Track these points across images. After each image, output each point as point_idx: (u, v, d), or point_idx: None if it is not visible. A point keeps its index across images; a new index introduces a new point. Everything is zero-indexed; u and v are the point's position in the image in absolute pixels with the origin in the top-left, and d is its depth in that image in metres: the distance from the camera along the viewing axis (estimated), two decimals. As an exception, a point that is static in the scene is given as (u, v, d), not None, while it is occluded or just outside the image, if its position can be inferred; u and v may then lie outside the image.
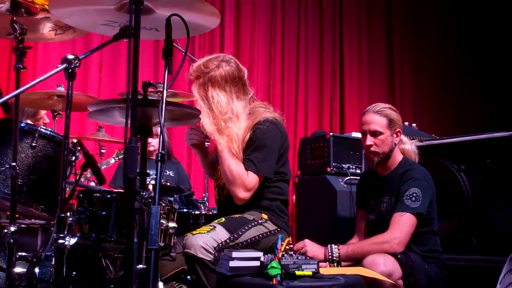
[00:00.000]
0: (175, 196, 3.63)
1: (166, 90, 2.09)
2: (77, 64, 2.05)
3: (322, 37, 7.04)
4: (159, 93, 3.93)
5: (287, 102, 6.67)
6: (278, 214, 2.97)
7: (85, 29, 2.48)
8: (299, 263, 2.17)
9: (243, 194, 2.84)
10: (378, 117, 3.03)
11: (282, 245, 2.22)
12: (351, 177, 4.47)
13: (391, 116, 3.03)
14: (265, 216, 2.90)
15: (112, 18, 2.29)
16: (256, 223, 2.84)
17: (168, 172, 4.98)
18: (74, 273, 2.98)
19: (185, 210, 3.58)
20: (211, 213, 3.58)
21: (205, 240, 2.61)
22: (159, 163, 1.94)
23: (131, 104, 1.77)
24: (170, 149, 5.16)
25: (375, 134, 3.01)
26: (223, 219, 2.79)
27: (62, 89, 3.56)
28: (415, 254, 2.82)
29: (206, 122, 2.87)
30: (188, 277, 3.09)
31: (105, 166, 4.39)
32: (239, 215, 2.86)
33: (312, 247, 2.88)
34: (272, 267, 2.11)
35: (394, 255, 2.71)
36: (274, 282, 2.07)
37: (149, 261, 1.77)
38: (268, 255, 2.23)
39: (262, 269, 2.17)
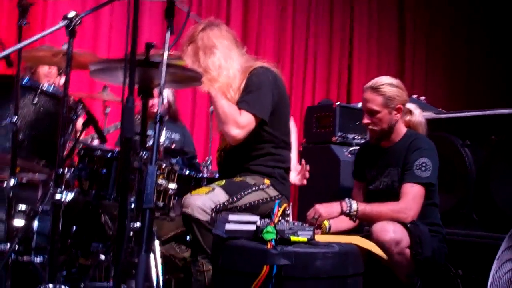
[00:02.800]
0: (178, 158, 3.64)
1: (168, 51, 2.06)
2: (78, 22, 2.05)
3: (332, 6, 6.96)
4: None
5: (296, 71, 6.63)
6: (280, 181, 2.97)
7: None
8: (295, 229, 2.18)
9: (235, 131, 2.79)
10: (375, 95, 2.98)
11: (279, 210, 2.22)
12: (355, 147, 4.45)
13: (388, 94, 2.97)
14: (267, 182, 2.89)
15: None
16: (257, 188, 2.84)
17: (174, 135, 4.97)
18: (74, 228, 3.02)
19: (187, 172, 3.59)
20: (213, 176, 3.58)
21: (203, 200, 2.62)
22: (157, 124, 1.93)
23: (129, 65, 1.75)
24: (176, 112, 5.13)
25: (371, 113, 2.98)
26: (224, 181, 2.80)
27: (66, 47, 3.55)
28: (424, 225, 2.82)
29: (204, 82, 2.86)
30: (187, 237, 3.12)
31: (113, 129, 4.39)
32: (241, 179, 2.86)
33: (324, 208, 2.82)
34: (267, 231, 2.12)
35: (404, 224, 2.71)
36: (269, 246, 2.08)
37: (144, 221, 1.77)
38: (265, 219, 2.23)
39: (257, 233, 2.18)
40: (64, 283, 2.55)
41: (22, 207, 2.56)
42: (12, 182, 2.37)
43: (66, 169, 2.70)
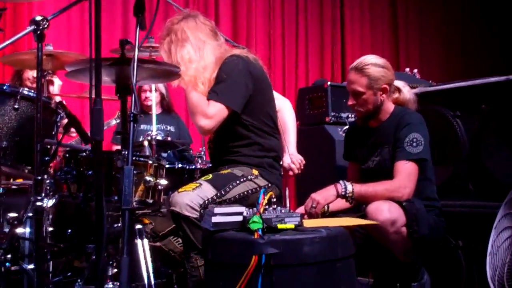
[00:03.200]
0: (169, 151, 3.63)
1: (139, 48, 2.04)
2: (45, 25, 2.03)
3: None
4: (150, 48, 3.91)
5: (288, 52, 6.58)
6: (269, 170, 2.95)
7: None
8: (282, 217, 2.16)
9: (203, 122, 2.75)
10: (359, 76, 2.94)
11: (264, 199, 2.21)
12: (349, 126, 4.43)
13: (373, 75, 2.92)
14: (255, 172, 2.87)
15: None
16: (245, 179, 2.81)
17: (169, 127, 4.97)
18: (69, 231, 3.02)
19: (179, 165, 3.58)
20: (207, 167, 3.57)
21: (191, 197, 2.60)
22: (131, 124, 1.91)
23: (94, 66, 1.73)
24: (170, 104, 5.12)
25: (356, 94, 2.95)
26: (211, 175, 2.77)
27: (50, 48, 3.54)
28: (419, 202, 2.79)
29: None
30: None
31: (106, 127, 4.39)
32: (229, 171, 2.84)
33: (320, 195, 2.81)
34: (253, 221, 2.10)
35: (399, 202, 2.69)
36: (256, 236, 2.07)
37: (124, 222, 1.76)
38: (251, 209, 2.22)
39: (245, 224, 2.17)
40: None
41: (12, 214, 2.53)
42: (-2, 191, 2.36)
43: (54, 173, 2.71)
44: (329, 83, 4.55)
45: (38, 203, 1.97)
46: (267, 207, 2.21)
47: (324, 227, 2.18)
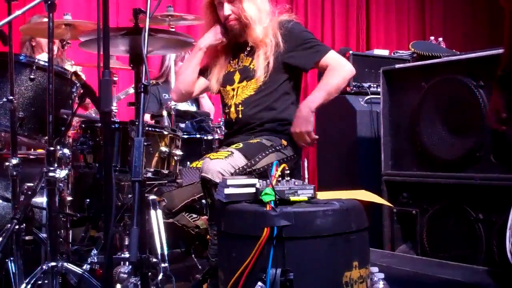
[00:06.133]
0: (187, 122, 3.63)
1: (150, 17, 2.01)
2: (57, -5, 2.00)
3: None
4: (169, 17, 3.88)
5: (312, 20, 6.48)
6: None
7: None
8: (295, 189, 2.14)
9: (350, 67, 2.90)
10: None
11: (277, 170, 2.19)
12: (371, 96, 4.37)
13: None
14: (284, 142, 2.86)
15: None
16: (273, 149, 2.80)
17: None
18: (88, 200, 3.05)
19: (197, 135, 3.58)
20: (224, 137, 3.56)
21: (223, 165, 2.57)
22: (142, 95, 1.89)
23: (102, 36, 1.71)
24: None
25: None
26: (241, 144, 2.75)
27: (69, 17, 3.53)
28: None
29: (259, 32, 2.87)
30: (203, 200, 3.12)
31: (123, 96, 4.40)
32: (257, 140, 2.82)
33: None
34: (266, 193, 2.09)
35: None
36: (268, 208, 2.06)
37: (134, 193, 1.76)
38: (264, 181, 2.20)
39: (257, 196, 2.16)
40: (73, 257, 2.60)
41: (30, 184, 2.55)
42: (14, 161, 2.38)
43: (72, 143, 2.72)
44: (351, 52, 4.49)
45: (51, 174, 1.98)
46: (280, 179, 2.19)
47: (337, 200, 2.16)
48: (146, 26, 1.96)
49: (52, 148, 2.01)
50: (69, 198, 2.79)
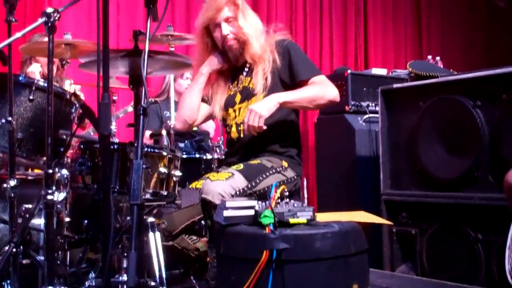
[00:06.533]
0: (186, 141, 3.63)
1: (149, 39, 2.02)
2: (56, 17, 2.01)
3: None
4: (169, 37, 3.89)
5: (311, 38, 6.51)
6: (297, 160, 2.96)
7: (70, -22, 2.41)
8: (294, 211, 2.13)
9: (335, 90, 2.87)
10: None
11: (276, 192, 2.18)
12: (370, 115, 4.38)
13: None
14: (285, 164, 2.87)
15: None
16: (274, 170, 2.80)
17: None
18: (86, 221, 3.04)
19: (197, 155, 3.58)
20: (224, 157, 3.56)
21: (223, 187, 2.57)
22: (141, 117, 1.89)
23: (102, 59, 1.71)
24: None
25: None
26: (242, 165, 2.75)
27: (69, 37, 3.55)
28: None
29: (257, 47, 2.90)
30: (202, 222, 3.10)
31: (122, 114, 4.40)
32: (258, 161, 2.82)
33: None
34: (265, 216, 2.08)
35: None
36: (267, 231, 2.05)
37: (132, 217, 1.75)
38: (263, 203, 2.20)
39: (256, 218, 2.15)
40: (71, 279, 2.58)
41: (28, 206, 2.54)
42: (12, 183, 2.37)
43: (70, 163, 2.71)
44: (349, 71, 4.51)
45: (49, 197, 1.98)
46: (279, 201, 2.18)
47: (336, 222, 2.15)
48: (145, 50, 1.97)
49: (50, 171, 2.00)
50: (67, 219, 2.77)
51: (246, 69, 2.99)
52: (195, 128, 4.69)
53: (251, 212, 2.19)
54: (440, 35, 7.50)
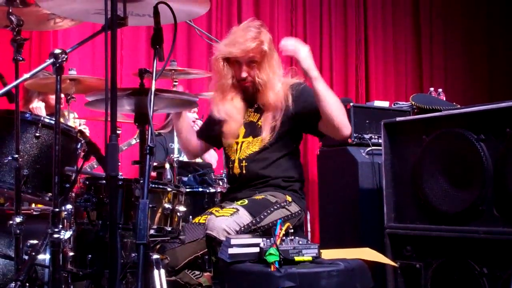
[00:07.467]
0: (189, 176, 3.64)
1: (156, 79, 2.05)
2: (64, 58, 2.04)
3: (345, 2, 6.88)
4: (172, 71, 3.94)
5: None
6: (300, 195, 2.97)
7: (78, 19, 2.45)
8: (299, 248, 2.14)
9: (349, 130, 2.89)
10: None
11: (281, 229, 2.19)
12: (373, 147, 4.40)
13: None
14: (289, 199, 2.87)
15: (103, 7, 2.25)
16: (278, 205, 2.81)
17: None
18: (89, 256, 3.03)
19: (200, 189, 3.59)
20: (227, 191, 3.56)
21: (228, 223, 2.58)
22: (147, 156, 1.91)
23: (110, 100, 1.74)
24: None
25: None
26: (246, 201, 2.76)
27: (74, 73, 3.59)
28: None
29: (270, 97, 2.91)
30: (206, 256, 3.10)
31: (126, 147, 4.43)
32: (263, 196, 2.82)
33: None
34: (270, 253, 2.09)
35: None
36: (272, 269, 2.05)
37: (139, 256, 1.76)
38: (268, 240, 2.20)
39: (261, 256, 2.15)
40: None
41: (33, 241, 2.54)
42: (18, 219, 2.38)
43: (75, 198, 2.72)
44: (352, 104, 4.53)
45: (55, 235, 1.99)
46: (284, 237, 2.19)
47: (342, 260, 2.15)
48: (152, 90, 1.99)
49: (57, 209, 2.01)
50: (71, 254, 2.77)
51: (256, 106, 3.01)
52: (199, 160, 4.72)
53: (256, 250, 2.19)
54: (442, 68, 7.55)
